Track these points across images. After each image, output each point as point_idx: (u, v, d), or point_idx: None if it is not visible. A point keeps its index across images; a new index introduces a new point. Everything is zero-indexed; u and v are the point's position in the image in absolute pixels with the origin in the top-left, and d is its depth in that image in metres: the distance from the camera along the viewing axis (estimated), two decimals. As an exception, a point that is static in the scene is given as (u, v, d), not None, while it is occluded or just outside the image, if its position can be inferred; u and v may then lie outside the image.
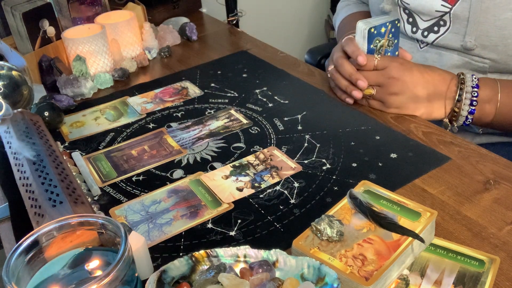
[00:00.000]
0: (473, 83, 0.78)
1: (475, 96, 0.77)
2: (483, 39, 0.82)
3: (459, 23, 0.84)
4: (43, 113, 0.82)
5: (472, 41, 0.83)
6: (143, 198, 0.68)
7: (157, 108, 0.90)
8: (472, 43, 0.83)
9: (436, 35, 0.89)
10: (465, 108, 0.78)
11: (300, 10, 2.17)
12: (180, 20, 1.25)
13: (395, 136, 0.76)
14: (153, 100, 0.93)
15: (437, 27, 0.88)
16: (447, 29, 0.86)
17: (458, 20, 0.84)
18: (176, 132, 0.83)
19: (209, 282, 0.46)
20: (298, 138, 0.78)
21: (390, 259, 0.49)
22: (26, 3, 0.97)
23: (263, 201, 0.65)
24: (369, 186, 0.59)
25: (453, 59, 0.88)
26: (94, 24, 1.05)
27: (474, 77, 0.78)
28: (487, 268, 0.51)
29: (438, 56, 0.91)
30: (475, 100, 0.77)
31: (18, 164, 0.60)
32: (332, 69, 0.86)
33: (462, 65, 0.87)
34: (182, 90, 0.96)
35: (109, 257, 0.46)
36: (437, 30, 0.88)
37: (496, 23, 0.80)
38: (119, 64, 1.05)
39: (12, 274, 0.41)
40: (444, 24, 0.87)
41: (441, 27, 0.87)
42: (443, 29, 0.87)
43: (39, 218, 0.52)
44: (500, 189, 0.64)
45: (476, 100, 0.77)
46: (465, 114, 0.79)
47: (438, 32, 0.88)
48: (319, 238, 0.52)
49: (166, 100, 0.93)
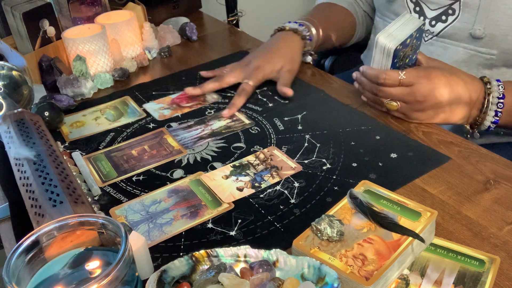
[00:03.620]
0: (499, 93, 0.75)
1: (500, 108, 0.75)
2: (493, 28, 0.81)
3: (469, 11, 0.83)
4: (43, 113, 0.82)
5: (481, 30, 0.81)
6: (143, 198, 0.68)
7: (175, 114, 0.87)
8: (481, 31, 0.81)
9: (443, 24, 0.87)
10: (489, 119, 0.76)
11: (300, 10, 2.17)
12: (180, 20, 1.25)
13: (395, 136, 0.76)
14: (170, 106, 0.90)
15: (445, 16, 0.86)
16: (456, 18, 0.85)
17: (468, 8, 0.83)
18: (178, 131, 0.83)
19: (209, 282, 0.46)
20: (298, 138, 0.78)
21: (390, 259, 0.49)
22: (26, 3, 0.97)
23: (263, 201, 0.65)
24: (369, 186, 0.59)
25: (459, 53, 0.87)
26: (94, 24, 1.05)
27: (500, 86, 0.75)
28: (487, 268, 0.51)
29: (443, 49, 0.89)
30: (500, 111, 0.75)
31: (18, 164, 0.60)
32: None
33: (468, 58, 0.86)
34: (200, 96, 0.93)
35: (109, 257, 0.46)
36: (445, 19, 0.86)
37: (507, 12, 0.79)
38: (119, 64, 1.05)
39: (12, 274, 0.41)
40: (452, 13, 0.85)
41: (449, 16, 0.85)
42: (451, 18, 0.85)
43: (39, 218, 0.52)
44: (500, 189, 0.64)
45: (501, 111, 0.75)
46: (488, 124, 0.77)
47: (446, 22, 0.86)
48: (319, 238, 0.52)
49: (183, 106, 0.90)
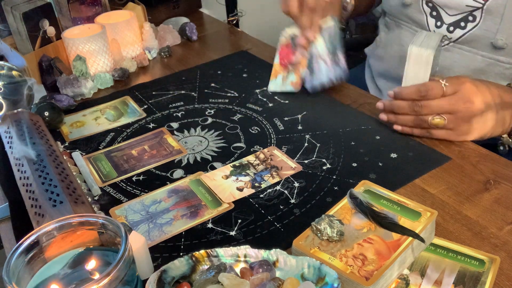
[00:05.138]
0: None
1: None
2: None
3: (491, 19, 0.78)
4: (43, 113, 0.82)
5: (504, 40, 0.77)
6: (143, 198, 0.68)
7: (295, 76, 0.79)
8: (503, 42, 0.78)
9: (462, 31, 0.82)
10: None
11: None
12: (180, 20, 1.25)
13: (395, 136, 0.76)
14: (286, 69, 0.86)
15: (464, 22, 0.81)
16: (476, 25, 0.80)
17: (490, 16, 0.78)
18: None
19: (209, 282, 0.46)
20: (298, 138, 0.78)
21: (390, 259, 0.49)
22: (26, 3, 0.97)
23: (263, 201, 0.65)
24: (369, 186, 0.59)
25: (476, 61, 0.83)
26: (94, 24, 1.05)
27: None
28: (487, 268, 0.51)
29: (459, 56, 0.85)
30: None
31: (18, 164, 0.60)
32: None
33: (486, 67, 0.82)
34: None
35: (109, 257, 0.46)
36: (464, 25, 0.81)
37: None
38: (119, 64, 1.05)
39: (12, 274, 0.41)
40: (473, 20, 0.80)
41: (469, 23, 0.80)
42: (471, 25, 0.80)
43: (39, 218, 0.52)
44: (500, 189, 0.64)
45: None
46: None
47: (465, 28, 0.81)
48: (319, 238, 0.52)
49: (293, 61, 0.82)
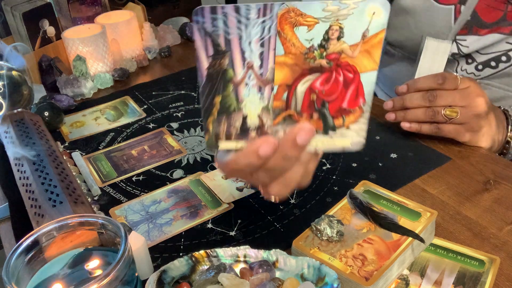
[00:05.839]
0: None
1: None
2: None
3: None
4: (43, 113, 0.82)
5: None
6: (143, 198, 0.68)
7: None
8: None
9: (492, 70, 0.77)
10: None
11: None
12: (180, 20, 1.25)
13: (395, 136, 0.76)
14: None
15: (496, 62, 0.76)
16: (510, 65, 0.75)
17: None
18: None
19: (209, 282, 0.46)
20: (298, 138, 0.78)
21: (390, 259, 0.49)
22: (26, 3, 0.97)
23: (263, 201, 0.65)
24: (369, 186, 0.59)
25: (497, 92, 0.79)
26: (94, 24, 1.05)
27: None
28: (487, 268, 0.51)
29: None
30: None
31: (18, 164, 0.60)
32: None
33: (502, 98, 0.79)
34: None
35: (109, 257, 0.46)
36: (495, 65, 0.76)
37: None
38: (119, 64, 1.05)
39: (12, 274, 0.41)
40: (507, 60, 0.75)
41: (501, 63, 0.76)
42: (503, 65, 0.76)
43: (39, 218, 0.52)
44: (500, 189, 0.64)
45: None
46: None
47: (496, 68, 0.76)
48: (319, 238, 0.52)
49: None
